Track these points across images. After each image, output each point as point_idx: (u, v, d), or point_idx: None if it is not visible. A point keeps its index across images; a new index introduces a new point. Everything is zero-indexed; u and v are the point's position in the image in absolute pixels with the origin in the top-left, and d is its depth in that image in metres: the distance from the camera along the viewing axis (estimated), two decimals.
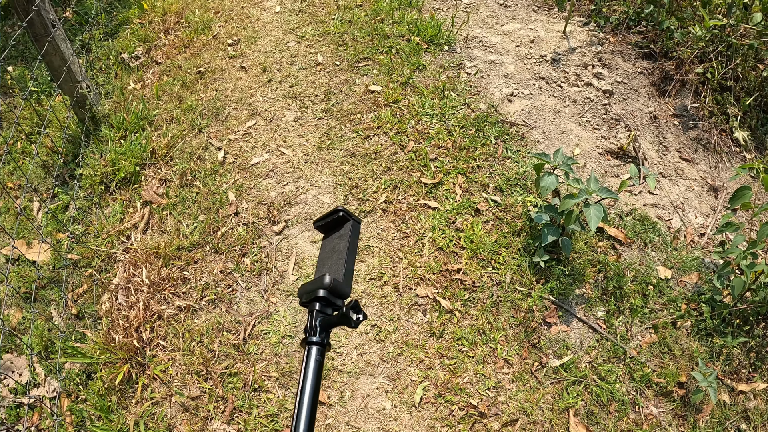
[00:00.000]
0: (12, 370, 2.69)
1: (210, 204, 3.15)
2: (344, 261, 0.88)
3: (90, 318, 2.80)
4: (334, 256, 0.88)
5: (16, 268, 3.04)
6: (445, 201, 3.16)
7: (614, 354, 2.68)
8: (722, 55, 3.80)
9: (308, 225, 3.08)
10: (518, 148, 3.44)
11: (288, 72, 3.91)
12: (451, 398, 2.50)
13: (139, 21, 4.46)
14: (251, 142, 3.47)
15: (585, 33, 4.28)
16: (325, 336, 0.82)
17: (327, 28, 4.23)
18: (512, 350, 2.66)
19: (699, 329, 2.76)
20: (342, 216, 0.89)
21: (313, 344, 0.81)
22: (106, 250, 2.99)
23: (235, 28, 4.31)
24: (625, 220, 3.16)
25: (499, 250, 2.96)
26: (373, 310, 2.77)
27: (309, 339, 0.81)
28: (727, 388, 2.62)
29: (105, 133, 3.47)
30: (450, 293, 2.81)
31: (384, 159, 3.34)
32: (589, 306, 2.83)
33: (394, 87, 3.73)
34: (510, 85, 3.85)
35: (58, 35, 3.22)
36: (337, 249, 0.89)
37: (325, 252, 0.89)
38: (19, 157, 3.59)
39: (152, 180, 3.28)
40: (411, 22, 4.21)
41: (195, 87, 3.83)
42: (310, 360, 0.79)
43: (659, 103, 3.83)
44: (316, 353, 0.80)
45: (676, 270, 3.00)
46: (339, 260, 0.87)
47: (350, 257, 0.87)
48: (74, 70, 3.37)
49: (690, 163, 3.56)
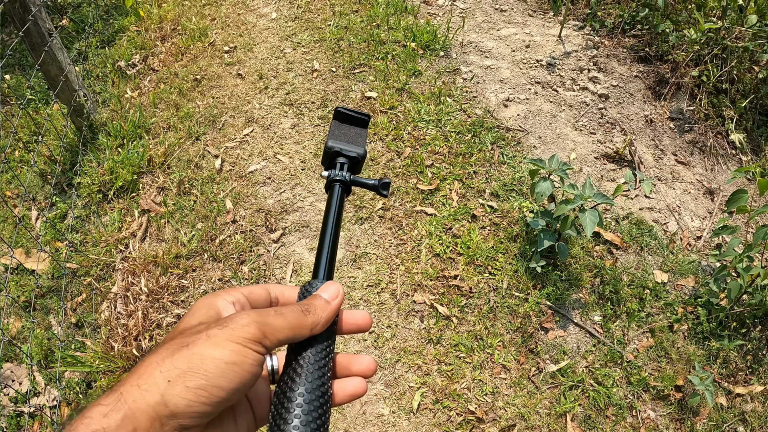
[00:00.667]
0: (12, 379, 2.70)
1: (207, 212, 3.16)
2: (364, 141, 0.89)
3: (89, 327, 2.81)
4: (355, 137, 0.88)
5: (15, 277, 3.05)
6: (441, 207, 3.17)
7: (611, 358, 2.69)
8: (717, 57, 3.81)
9: (306, 232, 3.09)
10: (514, 154, 3.45)
11: (284, 79, 3.92)
12: (449, 404, 2.51)
13: (136, 28, 4.47)
14: (248, 150, 3.49)
15: (580, 37, 4.29)
16: (351, 179, 0.83)
17: (323, 35, 4.24)
18: (509, 356, 2.67)
19: (696, 332, 2.78)
20: (368, 120, 0.90)
21: (338, 182, 0.81)
22: (104, 259, 3.00)
23: (231, 35, 4.33)
24: (622, 224, 3.17)
25: (496, 255, 2.98)
26: (371, 317, 2.78)
27: (334, 177, 0.82)
28: (724, 391, 2.63)
29: (102, 141, 3.48)
30: (447, 299, 2.82)
31: (381, 166, 3.35)
32: (586, 311, 2.84)
33: (390, 93, 3.74)
34: (506, 90, 3.86)
35: (55, 44, 3.23)
36: (356, 134, 0.89)
37: (340, 130, 0.89)
38: (17, 165, 3.60)
39: (150, 188, 3.29)
40: (407, 28, 4.22)
41: (192, 95, 3.84)
42: (334, 196, 0.80)
43: (655, 106, 3.84)
44: (340, 190, 0.80)
45: (673, 274, 3.01)
46: (360, 139, 0.88)
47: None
48: (71, 79, 3.39)
49: (686, 166, 3.57)
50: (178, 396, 0.52)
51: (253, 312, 0.58)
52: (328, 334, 0.64)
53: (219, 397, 0.53)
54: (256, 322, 0.56)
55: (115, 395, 0.52)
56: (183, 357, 0.53)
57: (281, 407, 0.57)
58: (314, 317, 0.61)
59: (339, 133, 0.87)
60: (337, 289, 0.65)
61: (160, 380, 0.52)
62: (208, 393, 0.52)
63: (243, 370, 0.54)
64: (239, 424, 0.62)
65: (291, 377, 0.59)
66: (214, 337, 0.55)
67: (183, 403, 0.52)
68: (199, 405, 0.52)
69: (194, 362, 0.53)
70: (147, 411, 0.51)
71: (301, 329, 0.60)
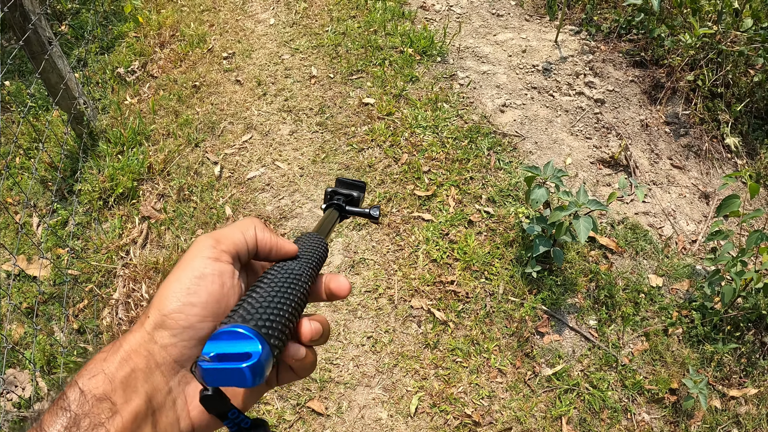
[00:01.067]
0: (15, 385, 2.73)
1: (207, 219, 3.19)
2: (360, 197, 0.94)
3: (91, 333, 2.84)
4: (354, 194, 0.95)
5: (17, 284, 3.08)
6: (438, 213, 3.20)
7: (606, 362, 2.72)
8: (713, 62, 3.84)
9: None
10: (511, 159, 3.48)
11: (283, 85, 3.95)
12: (446, 408, 2.54)
13: (135, 35, 4.50)
14: (247, 157, 3.52)
15: (576, 42, 4.32)
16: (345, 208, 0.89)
17: (321, 41, 4.27)
18: (505, 360, 2.70)
19: (690, 336, 2.81)
20: (364, 187, 0.96)
21: (334, 205, 0.87)
22: (105, 266, 3.03)
23: (229, 41, 4.36)
24: (617, 228, 3.20)
25: (492, 261, 3.01)
26: (369, 323, 2.81)
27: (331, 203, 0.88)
28: (718, 394, 2.66)
29: (102, 148, 3.51)
30: (444, 304, 2.86)
31: (378, 172, 3.39)
32: (581, 315, 2.87)
33: (387, 99, 3.77)
34: (502, 95, 3.89)
35: (55, 52, 3.26)
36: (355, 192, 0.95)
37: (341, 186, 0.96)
38: (18, 172, 3.63)
39: (150, 195, 3.32)
40: (404, 34, 4.25)
41: (191, 101, 3.87)
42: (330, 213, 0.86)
43: (650, 110, 3.87)
44: (337, 210, 0.87)
45: (668, 277, 3.04)
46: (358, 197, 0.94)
47: None
48: (71, 87, 3.41)
49: (681, 170, 3.60)
50: (159, 327, 0.55)
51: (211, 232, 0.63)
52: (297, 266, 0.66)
53: (197, 315, 0.56)
54: (209, 234, 0.61)
55: (114, 344, 0.56)
56: (155, 297, 0.57)
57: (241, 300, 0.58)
58: (268, 235, 0.66)
59: (338, 186, 0.94)
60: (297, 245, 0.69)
61: (143, 319, 0.56)
62: (184, 314, 0.55)
63: (207, 280, 0.57)
64: None
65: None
66: (180, 262, 0.59)
67: (167, 334, 0.55)
68: (182, 332, 0.56)
69: (164, 291, 0.57)
70: (139, 351, 0.54)
71: (253, 237, 0.64)
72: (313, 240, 0.73)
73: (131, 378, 0.53)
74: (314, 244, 0.72)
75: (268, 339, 0.53)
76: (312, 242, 0.72)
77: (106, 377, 0.52)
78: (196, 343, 0.56)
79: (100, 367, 0.53)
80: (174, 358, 0.55)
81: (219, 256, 0.59)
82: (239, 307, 0.56)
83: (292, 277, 0.63)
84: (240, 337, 0.52)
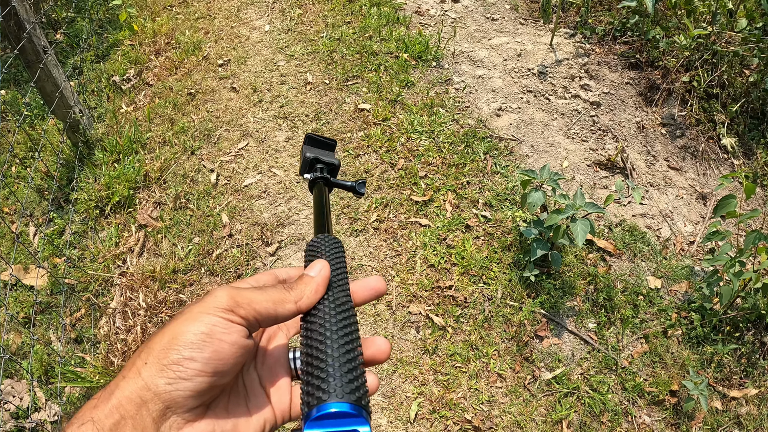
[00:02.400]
0: (13, 395, 2.71)
1: (204, 226, 3.18)
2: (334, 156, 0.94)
3: (89, 342, 2.83)
4: (327, 152, 0.94)
5: (13, 294, 3.07)
6: (435, 218, 3.20)
7: (606, 365, 2.71)
8: (708, 62, 3.85)
9: (301, 245, 3.12)
10: (507, 163, 3.48)
11: (278, 92, 3.95)
12: (446, 413, 2.53)
13: (130, 43, 4.50)
14: (243, 164, 3.51)
15: (571, 45, 4.33)
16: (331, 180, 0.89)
17: (316, 47, 4.27)
18: (505, 364, 2.69)
19: (690, 337, 2.80)
20: (334, 145, 0.96)
21: (321, 179, 0.87)
22: (102, 275, 3.02)
23: (225, 48, 4.36)
24: (615, 231, 3.20)
25: (490, 265, 3.00)
26: (367, 329, 2.81)
27: (317, 177, 0.87)
28: (719, 395, 2.66)
29: (98, 156, 3.50)
30: (442, 310, 2.85)
31: (375, 177, 3.38)
32: (580, 318, 2.86)
33: (383, 105, 3.77)
34: (498, 99, 3.89)
35: (50, 61, 3.26)
36: (326, 152, 0.95)
37: (312, 147, 0.95)
38: (14, 181, 3.62)
39: (146, 203, 3.31)
40: (399, 39, 4.25)
41: (186, 109, 3.87)
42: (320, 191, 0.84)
43: (646, 112, 3.88)
44: (325, 188, 0.85)
45: (666, 279, 3.04)
46: (331, 156, 0.94)
47: None
48: (67, 95, 3.41)
49: (678, 171, 3.60)
50: (156, 376, 0.53)
51: (230, 286, 0.59)
52: (340, 295, 0.63)
53: (195, 369, 0.53)
54: (228, 293, 0.57)
55: (106, 389, 0.54)
56: (158, 338, 0.55)
57: (311, 374, 0.55)
58: (296, 292, 0.61)
59: (313, 148, 0.93)
60: (322, 265, 0.64)
61: (139, 365, 0.54)
62: (183, 367, 0.53)
63: (215, 339, 0.55)
64: (253, 416, 0.62)
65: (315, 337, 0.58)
66: (188, 312, 0.56)
67: (162, 382, 0.53)
68: (178, 381, 0.53)
69: (167, 340, 0.54)
70: (131, 398, 0.52)
71: (284, 303, 0.59)
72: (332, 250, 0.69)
73: (120, 425, 0.51)
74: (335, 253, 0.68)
75: (368, 409, 0.51)
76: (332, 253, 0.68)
77: (95, 425, 0.51)
78: (191, 394, 0.54)
79: (90, 414, 0.52)
80: (166, 405, 0.53)
81: (234, 318, 0.57)
82: (320, 373, 0.53)
83: (345, 314, 0.60)
84: (343, 415, 0.50)
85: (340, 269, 0.66)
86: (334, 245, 0.69)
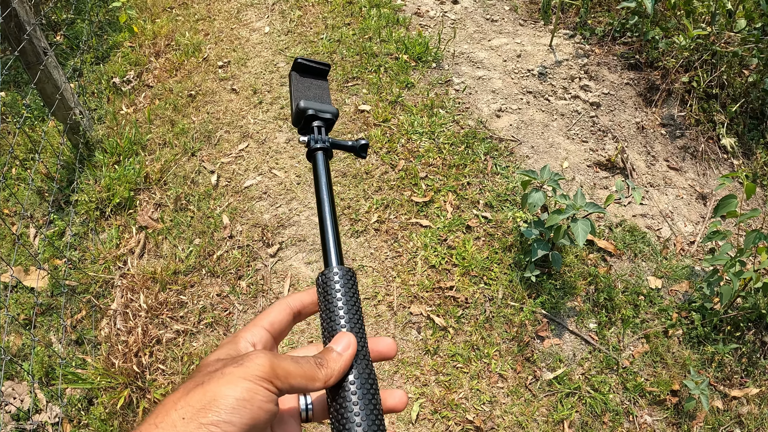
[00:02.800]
0: (14, 397, 2.71)
1: (205, 228, 3.18)
2: (330, 98, 0.88)
3: (89, 344, 2.83)
4: (322, 93, 0.88)
5: (14, 295, 3.07)
6: (436, 219, 3.20)
7: (607, 365, 2.72)
8: (707, 63, 3.85)
9: (302, 246, 3.12)
10: (507, 164, 3.48)
11: (278, 93, 3.95)
12: (448, 414, 2.53)
13: (130, 44, 4.50)
14: (244, 165, 3.51)
15: (571, 45, 4.33)
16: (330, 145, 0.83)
17: (316, 48, 4.27)
18: (506, 365, 2.69)
19: (690, 337, 2.80)
20: (327, 70, 0.91)
21: (320, 150, 0.81)
22: (103, 276, 3.02)
23: (224, 49, 4.36)
24: (615, 231, 3.20)
25: (491, 266, 3.01)
26: (368, 330, 2.81)
27: (315, 146, 0.81)
28: (720, 395, 2.66)
29: (99, 158, 3.51)
30: (443, 310, 2.85)
31: (375, 179, 3.38)
32: (581, 318, 2.87)
33: (383, 106, 3.77)
34: (498, 100, 3.90)
35: (50, 63, 3.26)
36: (320, 88, 0.89)
37: (303, 86, 0.88)
38: (14, 183, 3.62)
39: (147, 205, 3.31)
40: (399, 40, 4.26)
41: (187, 110, 3.87)
42: (319, 165, 0.80)
43: (646, 113, 3.88)
44: (324, 157, 0.81)
45: (667, 279, 3.04)
46: (326, 97, 0.88)
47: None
48: (67, 97, 3.41)
49: (678, 171, 3.60)
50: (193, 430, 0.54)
51: (269, 353, 0.61)
52: (364, 366, 0.66)
53: (233, 424, 0.55)
54: (270, 362, 0.59)
55: None
56: (198, 395, 0.56)
57: None
58: (327, 370, 0.63)
59: (305, 91, 0.87)
60: (348, 341, 0.66)
61: (175, 418, 0.55)
62: (221, 429, 0.54)
63: (254, 407, 0.56)
64: None
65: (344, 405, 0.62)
66: (228, 374, 0.58)
67: None
68: None
69: (208, 399, 0.56)
70: None
71: (314, 381, 0.62)
72: (350, 298, 0.69)
73: None
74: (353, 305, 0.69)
75: None
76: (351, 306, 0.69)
77: None
78: None
79: None
80: None
81: (271, 388, 0.59)
82: None
83: (369, 385, 0.64)
84: None
85: (358, 319, 0.68)
86: (350, 288, 0.70)
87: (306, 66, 0.90)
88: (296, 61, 0.89)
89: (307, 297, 0.72)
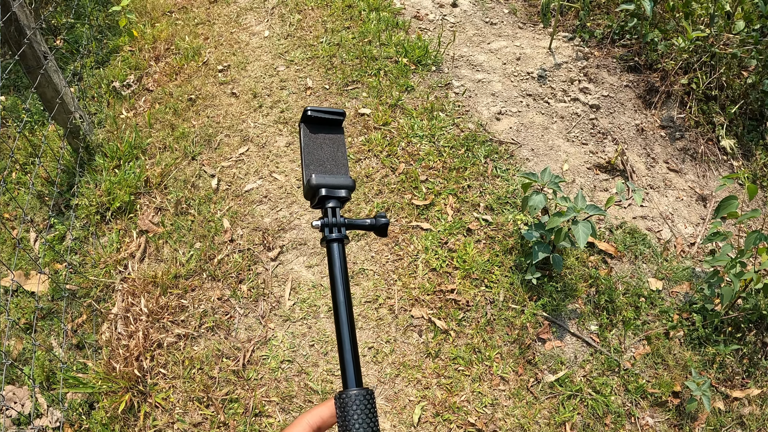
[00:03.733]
0: (14, 401, 2.71)
1: (205, 231, 3.18)
2: (346, 162, 0.82)
3: (90, 348, 2.83)
4: (336, 156, 0.82)
5: (15, 300, 3.07)
6: (436, 222, 3.20)
7: (608, 367, 2.72)
8: (706, 65, 3.86)
9: (303, 250, 3.12)
10: (507, 167, 3.48)
11: (278, 97, 3.96)
12: (449, 416, 2.53)
13: (130, 48, 4.50)
14: (244, 169, 3.52)
15: (570, 48, 4.34)
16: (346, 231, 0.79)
17: (315, 52, 4.28)
18: (508, 367, 2.69)
19: (692, 338, 2.81)
20: (342, 119, 0.84)
21: (337, 241, 0.77)
22: (104, 280, 3.02)
23: (224, 53, 4.36)
24: (616, 233, 3.20)
25: (492, 268, 3.01)
26: (370, 333, 2.81)
27: (331, 237, 0.77)
28: (721, 396, 2.66)
29: (99, 162, 3.50)
30: (444, 313, 2.85)
31: (375, 182, 3.39)
32: (582, 320, 2.87)
33: (383, 109, 3.77)
34: (498, 103, 3.90)
35: (51, 67, 3.26)
36: (334, 147, 0.83)
37: (315, 146, 0.82)
38: (14, 187, 3.62)
39: (147, 209, 3.31)
40: (398, 43, 4.26)
41: (187, 114, 3.87)
42: (335, 258, 0.76)
43: (645, 115, 3.89)
44: (340, 249, 0.77)
45: (668, 281, 3.05)
46: (342, 160, 0.82)
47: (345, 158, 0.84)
48: (67, 101, 3.41)
49: (678, 173, 3.61)
50: None
51: None
52: None
53: None
54: None
55: None
56: None
57: None
58: None
59: (318, 154, 0.81)
60: None
61: None
62: None
63: None
64: None
65: None
66: None
67: None
68: None
69: None
70: None
71: None
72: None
73: None
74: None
75: None
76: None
77: None
78: None
79: None
80: None
81: None
82: None
83: None
84: None
85: None
86: (368, 413, 0.70)
87: (317, 118, 0.83)
88: (306, 111, 0.82)
89: (326, 411, 0.73)
